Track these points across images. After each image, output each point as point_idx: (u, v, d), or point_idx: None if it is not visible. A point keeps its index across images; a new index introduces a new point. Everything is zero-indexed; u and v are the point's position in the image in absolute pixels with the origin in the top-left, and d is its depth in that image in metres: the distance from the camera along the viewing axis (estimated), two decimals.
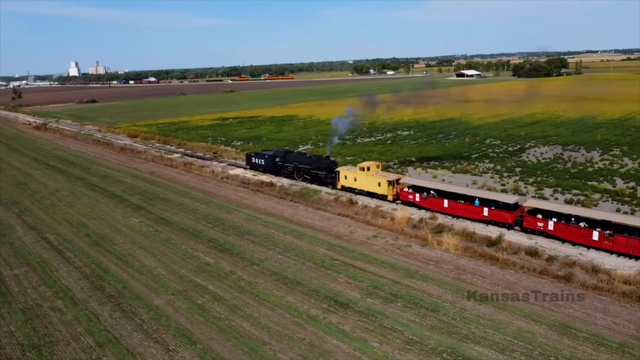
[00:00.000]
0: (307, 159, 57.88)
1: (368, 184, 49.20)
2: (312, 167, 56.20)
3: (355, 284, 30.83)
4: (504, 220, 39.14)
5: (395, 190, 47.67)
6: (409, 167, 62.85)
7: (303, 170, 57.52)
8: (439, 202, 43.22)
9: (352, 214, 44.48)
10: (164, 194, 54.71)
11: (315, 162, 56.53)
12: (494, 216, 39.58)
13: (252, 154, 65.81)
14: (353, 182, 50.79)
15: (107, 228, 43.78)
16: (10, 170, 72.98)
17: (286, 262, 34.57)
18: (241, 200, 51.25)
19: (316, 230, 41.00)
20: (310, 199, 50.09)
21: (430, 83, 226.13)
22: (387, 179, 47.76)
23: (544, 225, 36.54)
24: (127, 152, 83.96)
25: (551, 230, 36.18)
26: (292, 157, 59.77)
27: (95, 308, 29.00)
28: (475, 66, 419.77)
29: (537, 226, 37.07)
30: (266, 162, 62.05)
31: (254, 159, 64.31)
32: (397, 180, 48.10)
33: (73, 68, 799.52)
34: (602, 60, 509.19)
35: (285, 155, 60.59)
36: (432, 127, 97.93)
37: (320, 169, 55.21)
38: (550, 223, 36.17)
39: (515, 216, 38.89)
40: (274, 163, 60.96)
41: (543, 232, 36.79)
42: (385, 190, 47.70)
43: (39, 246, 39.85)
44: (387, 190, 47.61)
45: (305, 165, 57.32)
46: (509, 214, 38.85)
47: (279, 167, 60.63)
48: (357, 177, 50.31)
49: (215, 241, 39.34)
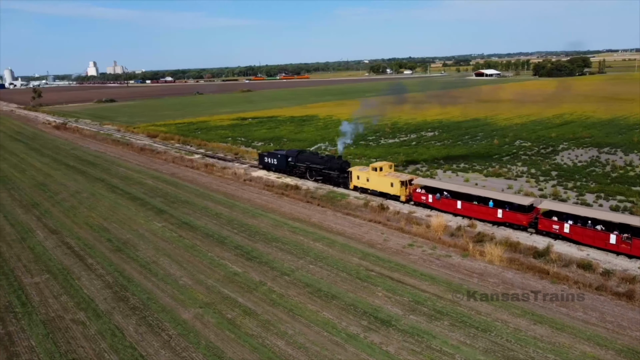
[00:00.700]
0: (319, 159, 57.18)
1: (381, 184, 48.30)
2: (325, 167, 55.47)
3: (395, 298, 28.68)
4: (518, 222, 38.15)
5: (408, 191, 46.72)
6: (437, 169, 60.42)
7: (315, 170, 56.84)
8: (452, 203, 42.32)
9: (383, 220, 42.32)
10: (185, 197, 53.09)
11: (327, 162, 55.81)
12: (508, 218, 38.62)
13: (264, 153, 65.32)
14: (365, 183, 49.94)
15: (129, 233, 42.22)
16: (31, 170, 72.15)
17: (318, 273, 32.55)
18: (266, 204, 49.37)
19: (347, 238, 38.90)
20: (338, 203, 48.02)
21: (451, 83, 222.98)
22: (399, 180, 46.80)
23: (559, 228, 35.44)
24: (147, 152, 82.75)
25: (567, 233, 35.06)
26: (305, 157, 59.17)
27: (120, 321, 27.28)
28: (494, 65, 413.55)
29: (552, 229, 35.90)
30: (279, 161, 61.55)
31: (267, 158, 63.86)
32: (410, 180, 47.04)
33: (91, 68, 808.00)
34: (624, 59, 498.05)
35: (298, 155, 60.02)
36: (457, 128, 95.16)
37: (333, 169, 54.47)
38: (565, 226, 35.03)
39: (530, 218, 37.74)
40: (286, 163, 60.48)
41: (558, 234, 35.61)
42: (398, 191, 46.81)
43: (59, 252, 38.39)
44: (400, 191, 46.71)
45: (317, 165, 56.59)
46: (523, 216, 37.78)
47: (292, 167, 60.07)
48: (369, 177, 49.44)
49: (242, 248, 37.47)
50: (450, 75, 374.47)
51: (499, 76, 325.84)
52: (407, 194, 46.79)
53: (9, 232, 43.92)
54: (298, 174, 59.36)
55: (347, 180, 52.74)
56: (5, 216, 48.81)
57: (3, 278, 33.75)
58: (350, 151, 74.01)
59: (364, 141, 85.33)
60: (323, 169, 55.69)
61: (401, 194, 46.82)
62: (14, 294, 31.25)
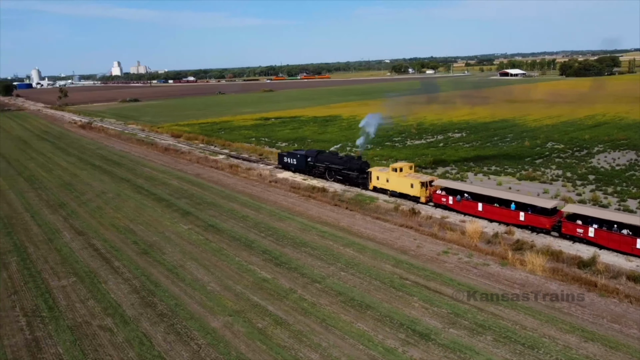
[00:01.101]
0: (338, 159, 56.92)
1: (400, 185, 47.86)
2: (344, 168, 55.09)
3: (433, 309, 27.27)
4: (541, 226, 37.44)
5: (428, 192, 46.14)
6: (467, 172, 58.61)
7: (334, 171, 56.55)
8: (472, 206, 41.64)
9: (415, 225, 40.86)
10: (211, 198, 52.39)
11: (346, 162, 55.42)
12: (530, 221, 37.90)
13: (284, 153, 65.42)
14: (385, 183, 49.56)
15: (155, 235, 41.60)
16: (57, 170, 72.51)
17: (351, 280, 31.31)
18: (293, 206, 48.32)
19: (378, 244, 37.57)
20: (367, 207, 46.70)
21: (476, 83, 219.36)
22: (420, 181, 46.32)
23: (583, 232, 34.68)
24: (171, 152, 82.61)
25: (592, 237, 34.22)
26: (324, 157, 58.97)
27: (148, 329, 26.47)
28: (518, 65, 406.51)
29: (576, 232, 35.24)
30: (298, 161, 61.53)
31: (286, 158, 63.90)
32: (430, 181, 46.49)
33: (115, 67, 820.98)
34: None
35: (317, 155, 59.91)
36: (485, 129, 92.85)
37: (352, 169, 54.04)
38: (590, 229, 34.19)
39: (553, 221, 36.98)
40: (305, 163, 60.31)
41: (582, 238, 34.89)
42: (418, 192, 46.33)
43: (86, 254, 37.93)
44: (420, 192, 46.22)
45: (336, 165, 56.28)
46: (546, 219, 37.01)
47: (311, 167, 59.99)
48: (389, 178, 49.00)
49: (270, 253, 36.46)
50: (474, 75, 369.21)
51: (524, 76, 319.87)
52: (427, 195, 46.19)
53: (36, 232, 43.75)
54: (317, 174, 59.23)
55: (366, 181, 52.32)
56: (32, 216, 48.77)
57: (30, 280, 33.36)
58: (376, 152, 72.68)
59: (389, 142, 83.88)
60: (342, 169, 55.29)
61: (421, 195, 46.27)
62: (41, 297, 30.77)
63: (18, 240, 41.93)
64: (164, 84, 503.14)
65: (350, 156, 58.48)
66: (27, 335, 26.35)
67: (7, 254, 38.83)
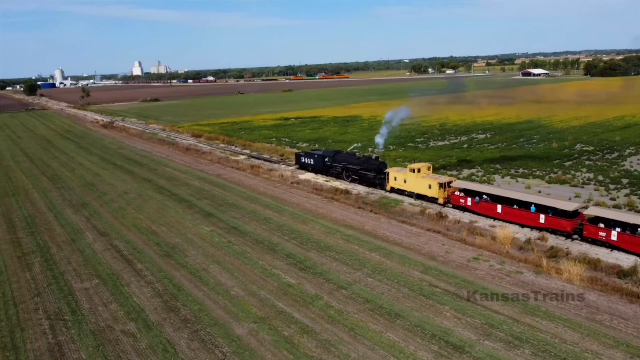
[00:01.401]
0: (356, 160, 56.79)
1: (418, 186, 47.51)
2: (361, 168, 54.89)
3: (466, 320, 26.10)
4: (562, 229, 36.73)
5: (447, 193, 45.62)
6: (494, 174, 57.05)
7: (352, 171, 56.33)
8: (491, 207, 41.06)
9: (443, 229, 39.63)
10: (233, 200, 51.83)
11: (364, 162, 55.23)
12: (551, 224, 37.26)
13: (301, 153, 65.44)
14: (403, 184, 49.30)
15: (177, 237, 41.11)
16: (80, 169, 72.85)
17: (378, 287, 30.29)
18: (316, 209, 47.45)
19: (405, 249, 36.46)
20: (392, 210, 45.59)
21: (498, 83, 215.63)
22: (438, 182, 45.89)
23: (606, 235, 33.90)
24: (192, 152, 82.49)
25: (614, 240, 33.51)
26: (341, 157, 58.90)
27: (171, 335, 25.83)
28: (541, 64, 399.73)
29: (598, 236, 34.43)
30: (315, 162, 61.41)
31: (303, 158, 63.85)
32: (448, 182, 45.91)
33: (136, 67, 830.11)
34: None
35: (335, 156, 59.85)
36: (510, 130, 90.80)
37: (369, 169, 53.83)
38: (613, 233, 33.43)
39: (574, 224, 36.32)
40: (323, 163, 60.16)
41: (605, 242, 34.10)
42: (436, 193, 45.90)
43: (108, 255, 37.59)
44: (438, 193, 45.77)
45: (354, 165, 56.09)
46: (567, 222, 36.29)
47: (328, 167, 59.80)
48: (407, 179, 48.75)
49: (294, 257, 35.63)
50: (496, 75, 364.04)
51: (547, 76, 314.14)
52: (446, 196, 45.61)
53: (59, 232, 43.65)
54: (334, 174, 59.00)
55: (383, 182, 52.07)
56: (55, 216, 48.78)
57: (53, 282, 33.08)
58: (400, 154, 71.46)
59: (412, 143, 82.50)
60: (360, 170, 54.98)
61: (439, 197, 45.76)
62: (64, 300, 30.42)
63: (41, 240, 41.86)
64: (183, 83, 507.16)
65: (368, 156, 58.18)
66: (50, 340, 25.94)
67: (31, 254, 38.72)
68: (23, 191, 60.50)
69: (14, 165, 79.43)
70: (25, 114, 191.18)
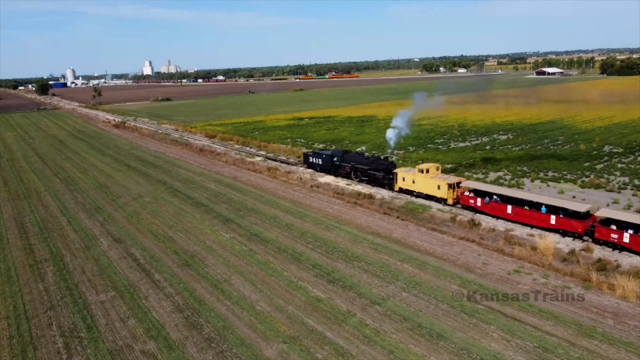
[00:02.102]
0: (364, 159, 56.48)
1: (427, 186, 47.28)
2: (370, 168, 54.65)
3: (516, 342, 23.84)
4: (573, 230, 36.24)
5: (456, 194, 45.33)
6: (522, 178, 54.54)
7: (360, 171, 56.09)
8: (502, 208, 40.66)
9: (477, 238, 37.31)
10: (251, 204, 49.83)
11: (373, 162, 54.93)
12: (562, 225, 36.79)
13: (309, 153, 65.46)
14: (411, 185, 49.11)
15: (195, 244, 39.18)
16: (93, 171, 71.31)
17: (415, 303, 28.09)
18: (339, 214, 45.31)
19: (439, 259, 34.21)
20: (420, 216, 43.31)
21: (513, 82, 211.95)
22: (447, 182, 45.62)
23: (618, 237, 33.40)
24: (207, 153, 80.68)
25: (626, 242, 32.95)
26: (350, 157, 58.61)
27: (195, 356, 23.84)
28: (555, 63, 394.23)
29: (610, 237, 33.92)
30: (324, 161, 61.21)
31: (312, 158, 63.72)
32: (457, 183, 45.57)
33: (147, 67, 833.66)
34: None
35: (343, 155, 59.50)
36: (532, 131, 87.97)
37: (378, 169, 53.63)
38: (625, 235, 32.92)
39: (586, 226, 35.73)
40: (331, 163, 59.98)
41: (617, 244, 33.54)
42: (445, 194, 45.65)
43: (124, 264, 35.73)
44: (447, 194, 45.51)
45: (362, 165, 55.82)
46: (579, 223, 35.78)
47: (337, 167, 59.59)
48: (415, 179, 48.52)
49: (321, 267, 33.52)
50: (509, 74, 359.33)
51: (562, 75, 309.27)
52: (455, 197, 45.27)
53: (73, 239, 41.91)
54: (343, 174, 58.69)
55: (392, 182, 51.79)
56: (69, 221, 47.10)
57: (67, 294, 31.26)
58: (420, 155, 69.08)
59: (432, 144, 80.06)
60: (368, 170, 54.73)
61: (448, 197, 45.49)
62: (79, 314, 28.57)
63: (54, 247, 40.14)
64: (193, 83, 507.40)
65: (377, 156, 57.62)
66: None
67: (44, 262, 36.99)
68: (35, 194, 59.00)
69: (27, 166, 78.14)
70: (37, 114, 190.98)
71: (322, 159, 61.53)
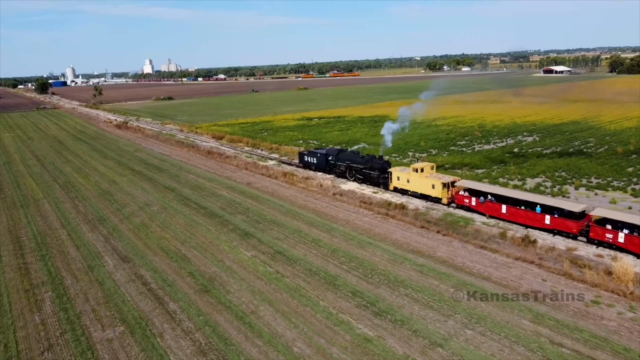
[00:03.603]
0: (359, 158, 56.01)
1: (422, 185, 47.12)
2: (365, 167, 54.35)
3: None
4: (567, 230, 35.95)
5: (450, 193, 45.07)
6: (564, 185, 49.95)
7: (355, 170, 55.78)
8: (496, 208, 40.42)
9: (535, 258, 32.64)
10: (271, 215, 45.20)
11: (368, 161, 54.48)
12: (556, 225, 36.51)
13: (304, 152, 65.15)
14: (406, 184, 48.88)
15: (213, 264, 34.56)
16: (95, 175, 66.65)
17: (485, 345, 23.44)
18: (370, 228, 40.68)
19: (498, 285, 29.56)
20: (463, 230, 38.60)
21: (523, 80, 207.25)
22: (441, 181, 45.30)
23: (613, 237, 33.04)
24: (215, 156, 75.99)
25: (622, 242, 32.52)
26: (345, 156, 58.13)
27: None
28: (561, 62, 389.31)
29: (605, 237, 33.59)
30: (318, 160, 61.00)
31: (307, 157, 63.35)
32: (452, 182, 45.33)
33: (147, 65, 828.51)
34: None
35: (338, 154, 59.00)
36: (558, 132, 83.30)
37: (373, 168, 53.27)
38: (620, 235, 32.50)
39: (581, 226, 35.46)
40: (326, 162, 59.79)
41: (612, 244, 33.11)
42: (440, 193, 45.41)
43: (134, 289, 31.11)
44: (442, 193, 45.27)
45: (357, 164, 55.51)
46: (573, 223, 35.50)
47: (332, 166, 59.38)
48: (410, 179, 48.33)
49: (362, 295, 28.89)
50: (515, 72, 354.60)
51: (570, 73, 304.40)
52: (450, 196, 45.03)
53: (74, 257, 37.27)
54: (338, 174, 58.39)
55: (387, 181, 51.44)
56: (69, 234, 42.47)
57: (68, 329, 26.63)
58: (446, 159, 64.40)
59: (454, 146, 75.40)
60: (363, 169, 54.47)
61: (443, 196, 45.22)
62: (82, 357, 23.95)
63: (53, 267, 35.51)
64: (193, 81, 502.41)
65: (372, 155, 56.67)
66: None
67: (41, 286, 32.38)
68: (33, 201, 54.40)
69: (24, 170, 73.52)
70: (36, 113, 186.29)
71: (317, 158, 61.06)
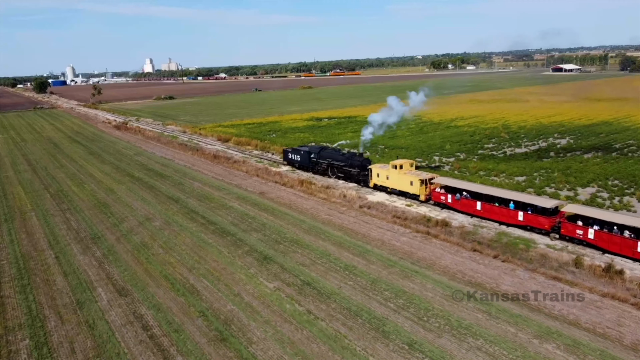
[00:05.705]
0: (340, 156, 56.19)
1: (400, 182, 47.09)
2: (345, 164, 54.38)
3: None
4: (540, 226, 35.82)
5: (428, 190, 45.18)
6: (624, 197, 43.80)
7: (336, 168, 55.92)
8: (471, 204, 40.46)
9: (628, 295, 26.45)
10: (291, 233, 39.01)
11: (348, 159, 54.49)
12: (529, 221, 36.36)
13: (288, 149, 65.12)
14: (385, 181, 48.91)
15: (229, 300, 28.39)
16: (90, 183, 60.45)
17: None
18: (412, 250, 34.47)
19: (590, 333, 23.36)
20: (526, 256, 32.37)
21: (534, 79, 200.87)
22: (419, 178, 45.22)
23: (583, 233, 33.17)
24: (222, 161, 69.74)
25: (591, 239, 32.75)
26: (327, 154, 58.24)
27: None
28: (568, 60, 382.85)
29: (575, 234, 33.69)
30: (302, 158, 60.94)
31: (290, 154, 63.61)
32: (430, 179, 45.38)
33: (148, 65, 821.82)
34: None
35: (320, 152, 59.07)
36: (591, 134, 77.02)
37: (353, 166, 53.32)
38: (590, 231, 32.71)
39: (553, 222, 35.25)
40: (309, 159, 59.71)
41: (582, 240, 33.28)
42: (418, 190, 45.40)
43: (133, 338, 24.92)
44: (420, 190, 45.25)
45: (338, 162, 55.58)
46: (546, 220, 35.35)
47: (314, 164, 59.32)
48: (389, 176, 48.31)
49: (422, 349, 22.69)
50: (522, 71, 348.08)
51: (580, 71, 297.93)
52: (427, 193, 45.21)
53: (60, 288, 31.11)
54: (320, 171, 58.57)
55: (367, 178, 51.54)
56: (57, 257, 36.28)
57: None
58: (480, 165, 58.09)
59: (482, 150, 69.09)
60: (344, 166, 54.58)
61: (420, 193, 45.26)
62: None
63: (35, 302, 29.37)
64: (194, 80, 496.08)
65: (352, 153, 57.29)
66: None
67: (17, 330, 26.22)
68: (20, 214, 48.30)
69: (14, 176, 67.39)
70: (33, 113, 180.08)
71: (300, 156, 60.99)
